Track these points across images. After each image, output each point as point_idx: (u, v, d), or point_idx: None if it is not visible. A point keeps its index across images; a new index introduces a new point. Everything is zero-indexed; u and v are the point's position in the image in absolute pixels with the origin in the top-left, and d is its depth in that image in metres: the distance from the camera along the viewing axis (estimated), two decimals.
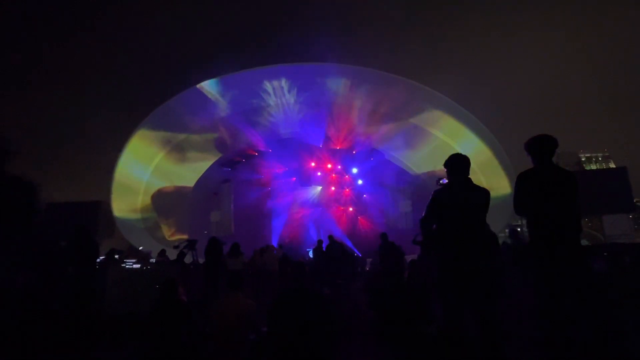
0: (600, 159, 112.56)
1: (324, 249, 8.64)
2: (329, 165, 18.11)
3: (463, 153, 2.89)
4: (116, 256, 9.47)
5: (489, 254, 2.74)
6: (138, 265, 12.84)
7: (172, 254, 10.63)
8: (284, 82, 15.36)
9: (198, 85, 15.27)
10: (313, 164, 18.08)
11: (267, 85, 15.43)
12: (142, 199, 16.96)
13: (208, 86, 15.35)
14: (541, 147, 2.71)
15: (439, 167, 3.07)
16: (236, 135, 16.98)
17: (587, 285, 2.55)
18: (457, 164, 2.82)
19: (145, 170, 16.73)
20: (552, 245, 2.48)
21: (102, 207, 17.64)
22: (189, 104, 15.62)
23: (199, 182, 18.15)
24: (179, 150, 16.81)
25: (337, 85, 15.36)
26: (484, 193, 2.75)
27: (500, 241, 6.32)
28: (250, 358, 2.97)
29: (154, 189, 17.22)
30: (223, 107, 15.89)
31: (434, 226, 2.80)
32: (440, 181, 2.98)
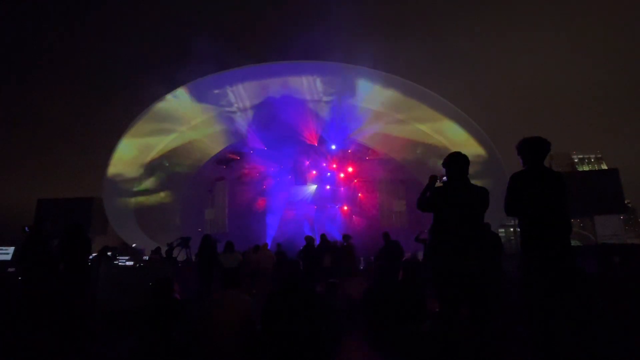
0: (592, 160, 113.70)
1: (315, 247, 8.65)
2: (324, 164, 18.11)
3: (458, 153, 2.89)
4: (109, 253, 9.38)
5: (487, 253, 2.76)
6: (131, 263, 12.77)
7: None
8: (280, 80, 15.31)
9: (192, 82, 15.18)
10: (308, 163, 18.07)
11: (263, 83, 15.37)
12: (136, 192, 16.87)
13: (202, 83, 15.26)
14: (533, 149, 2.73)
15: (435, 167, 3.08)
16: (232, 132, 16.93)
17: (576, 285, 2.58)
18: (456, 162, 2.82)
19: (140, 165, 16.63)
20: (543, 246, 2.51)
21: (95, 203, 17.51)
22: (185, 100, 15.53)
23: (193, 179, 18.06)
24: (174, 146, 16.70)
25: (334, 83, 15.35)
26: (482, 192, 2.76)
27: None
28: (245, 356, 2.97)
29: (147, 184, 17.11)
30: (218, 104, 15.82)
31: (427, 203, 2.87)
32: (443, 178, 2.98)
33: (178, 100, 15.52)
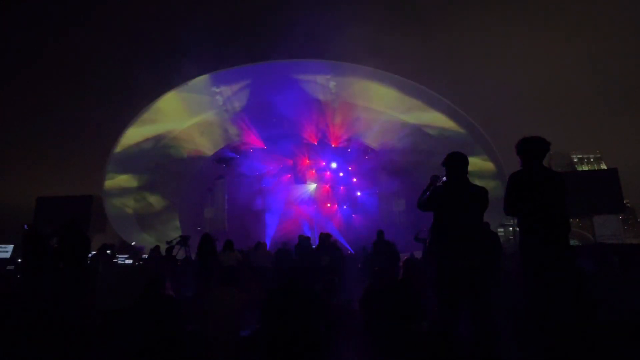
0: (592, 160, 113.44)
1: (311, 246, 8.65)
2: (324, 163, 18.11)
3: (457, 153, 2.88)
4: (108, 251, 9.37)
5: (486, 252, 2.75)
6: (130, 261, 12.77)
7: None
8: (279, 79, 15.29)
9: (191, 81, 15.16)
10: (308, 162, 18.07)
11: (262, 82, 15.35)
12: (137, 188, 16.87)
13: (201, 82, 15.24)
14: (533, 149, 2.73)
15: (435, 167, 3.07)
16: (231, 130, 16.93)
17: (574, 284, 2.59)
18: (456, 162, 2.82)
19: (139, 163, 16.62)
20: (542, 245, 2.51)
21: (94, 201, 17.49)
22: (185, 99, 15.52)
23: (193, 178, 18.05)
24: (174, 144, 16.68)
25: (333, 82, 15.34)
26: (482, 192, 2.76)
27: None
28: (243, 354, 2.98)
29: (147, 182, 17.09)
30: (217, 102, 15.81)
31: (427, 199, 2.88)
32: (443, 178, 2.97)
33: (177, 99, 15.50)
